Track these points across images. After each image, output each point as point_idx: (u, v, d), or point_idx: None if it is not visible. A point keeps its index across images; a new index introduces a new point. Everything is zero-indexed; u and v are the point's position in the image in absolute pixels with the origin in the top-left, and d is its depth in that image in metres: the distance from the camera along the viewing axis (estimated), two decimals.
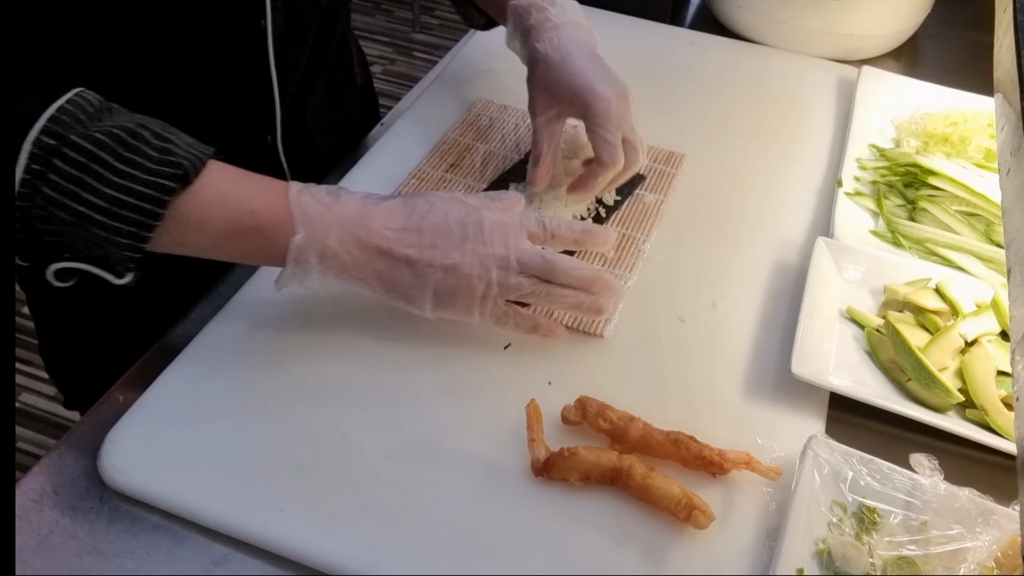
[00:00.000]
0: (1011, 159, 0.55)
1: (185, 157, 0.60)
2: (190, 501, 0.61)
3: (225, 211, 0.63)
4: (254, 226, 0.63)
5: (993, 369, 0.71)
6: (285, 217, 0.64)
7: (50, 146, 0.56)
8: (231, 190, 0.63)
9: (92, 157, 0.57)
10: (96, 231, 0.59)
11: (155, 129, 0.60)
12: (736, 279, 0.82)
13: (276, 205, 0.64)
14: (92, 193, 0.57)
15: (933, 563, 0.59)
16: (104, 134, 0.58)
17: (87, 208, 0.58)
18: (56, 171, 0.57)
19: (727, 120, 1.03)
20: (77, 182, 0.57)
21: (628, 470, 0.62)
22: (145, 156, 0.59)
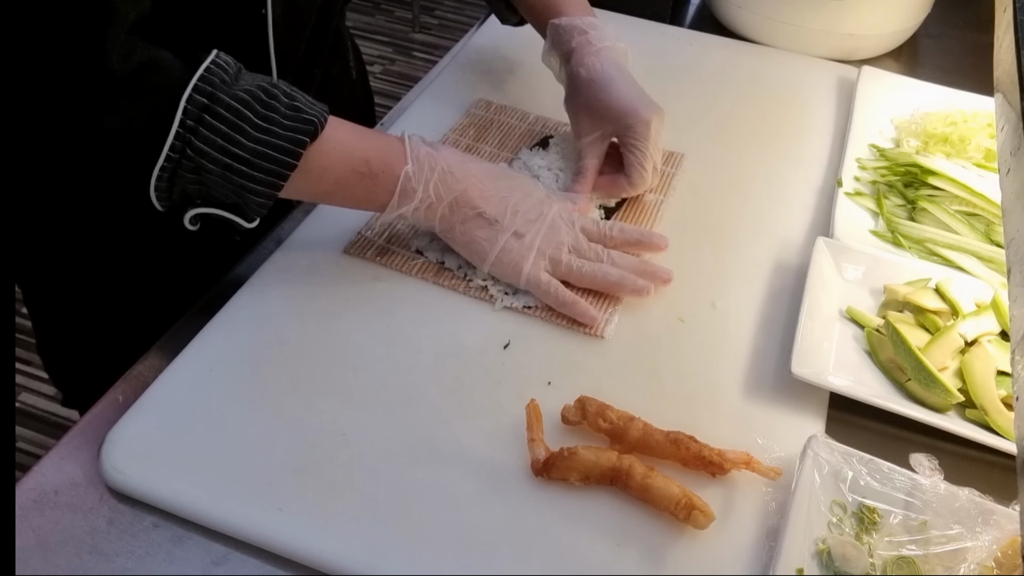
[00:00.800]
0: (1011, 159, 0.55)
1: (313, 113, 0.67)
2: (190, 501, 0.61)
3: (343, 160, 0.71)
4: (367, 173, 0.72)
5: (993, 369, 0.71)
6: (395, 162, 0.72)
7: (202, 103, 0.64)
8: (349, 142, 0.72)
9: (237, 114, 0.65)
10: (239, 180, 0.66)
11: (284, 88, 0.68)
12: (736, 279, 0.82)
13: (389, 153, 0.73)
14: (237, 146, 0.65)
15: (933, 563, 0.59)
16: (245, 93, 0.65)
17: (233, 159, 0.65)
18: (207, 126, 0.64)
19: (727, 120, 1.03)
20: (225, 136, 0.64)
21: (628, 470, 0.62)
22: (279, 112, 0.66)
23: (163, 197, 0.67)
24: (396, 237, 0.82)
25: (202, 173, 0.65)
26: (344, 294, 0.77)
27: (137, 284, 0.89)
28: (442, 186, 0.74)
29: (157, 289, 0.87)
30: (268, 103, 0.66)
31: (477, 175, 0.76)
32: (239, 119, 0.65)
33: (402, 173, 0.72)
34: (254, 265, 0.79)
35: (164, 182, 0.65)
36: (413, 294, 0.77)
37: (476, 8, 3.27)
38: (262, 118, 0.66)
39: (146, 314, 0.80)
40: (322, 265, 0.79)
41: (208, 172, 0.65)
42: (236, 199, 0.68)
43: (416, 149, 0.74)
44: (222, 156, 0.65)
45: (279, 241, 0.82)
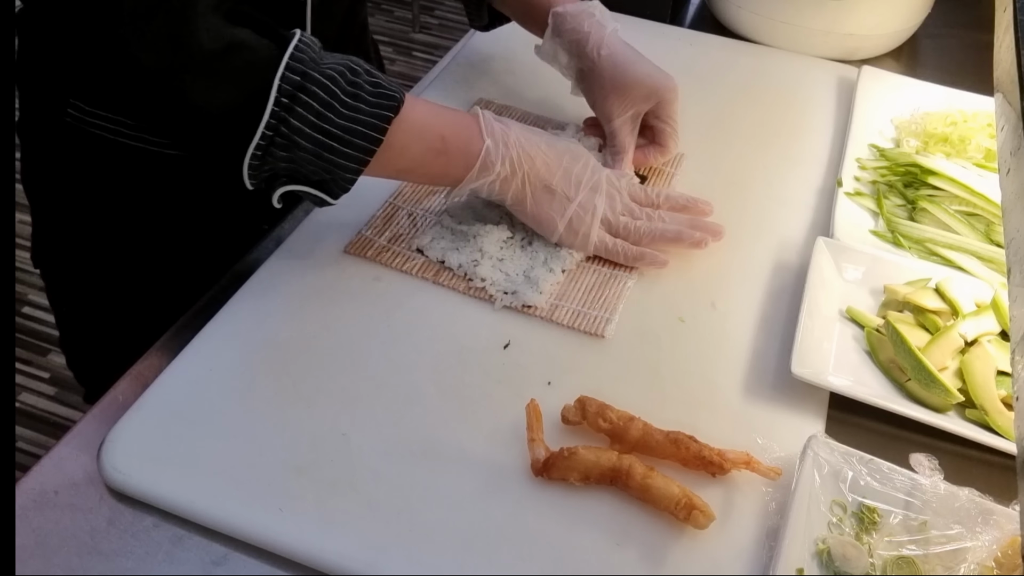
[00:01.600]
0: (1011, 159, 0.55)
1: (395, 89, 0.69)
2: (190, 501, 0.61)
3: (421, 137, 0.73)
4: (443, 149, 0.74)
5: (993, 369, 0.71)
6: (470, 138, 0.75)
7: (296, 82, 0.65)
8: (425, 119, 0.74)
9: (328, 91, 0.66)
10: (330, 156, 0.67)
11: (364, 66, 0.70)
12: (736, 279, 0.82)
13: (463, 128, 0.75)
14: (328, 123, 0.66)
15: (933, 563, 0.59)
16: (332, 70, 0.67)
17: (325, 136, 0.66)
18: (301, 104, 0.65)
19: (727, 120, 1.03)
20: (317, 114, 0.66)
21: (628, 470, 0.62)
22: (364, 90, 0.68)
23: (255, 175, 0.68)
24: (396, 237, 0.82)
25: (294, 151, 0.66)
26: (344, 294, 0.77)
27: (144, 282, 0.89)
28: (516, 161, 0.76)
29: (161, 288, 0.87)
30: (353, 80, 0.67)
31: (544, 149, 0.78)
32: (330, 96, 0.66)
33: (482, 149, 0.74)
34: (254, 265, 0.79)
35: (257, 160, 0.66)
36: (413, 294, 0.77)
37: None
38: (350, 95, 0.67)
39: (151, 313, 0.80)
40: (322, 265, 0.79)
41: (301, 149, 0.66)
42: (325, 176, 0.69)
43: (490, 125, 0.76)
44: (315, 133, 0.66)
45: (279, 241, 0.82)
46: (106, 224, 0.87)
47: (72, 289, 0.95)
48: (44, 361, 1.91)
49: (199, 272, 0.81)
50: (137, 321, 0.82)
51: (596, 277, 0.80)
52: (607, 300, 0.78)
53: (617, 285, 0.80)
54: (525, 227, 0.82)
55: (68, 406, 1.84)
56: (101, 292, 0.93)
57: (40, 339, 1.93)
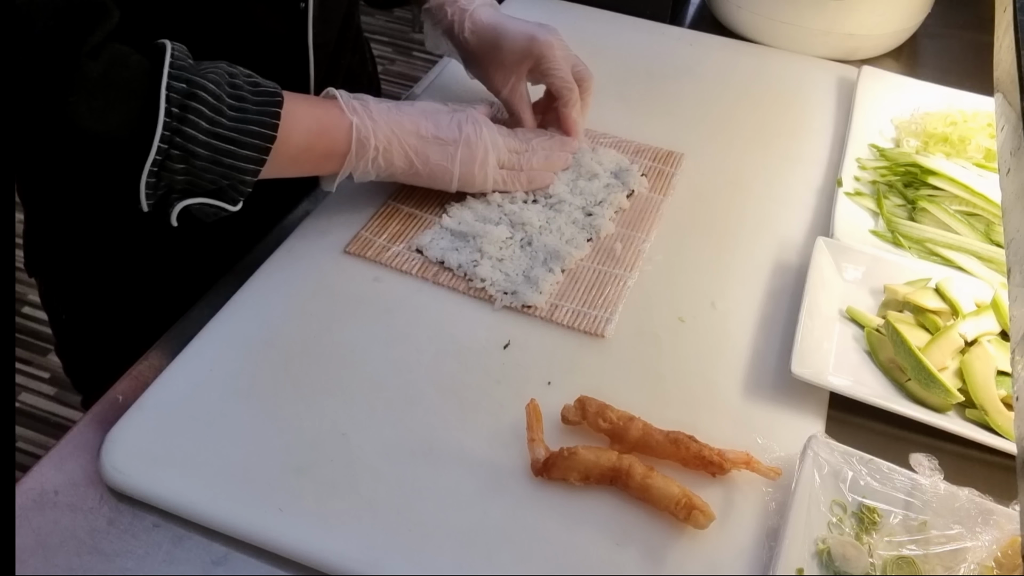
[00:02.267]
0: (1011, 159, 0.55)
1: (270, 84, 0.70)
2: (190, 501, 0.61)
3: (301, 124, 0.72)
4: (321, 130, 0.74)
5: (993, 369, 0.71)
6: (338, 116, 0.75)
7: (183, 90, 0.64)
8: (298, 106, 0.73)
9: (214, 95, 0.66)
10: (228, 160, 0.67)
11: (238, 68, 0.69)
12: (736, 279, 0.82)
13: (329, 109, 0.75)
14: (221, 126, 0.66)
15: (933, 563, 0.59)
16: (215, 74, 0.67)
17: (220, 140, 0.66)
18: (193, 111, 0.64)
19: (727, 120, 1.03)
20: (208, 119, 0.65)
21: (628, 470, 0.62)
22: (245, 89, 0.68)
23: (151, 195, 0.66)
24: (396, 237, 0.82)
25: (191, 160, 0.65)
26: (344, 294, 0.77)
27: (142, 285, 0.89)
28: (387, 130, 0.77)
29: (160, 290, 0.87)
30: (233, 82, 0.67)
31: (407, 110, 0.79)
32: (217, 100, 0.66)
33: (351, 127, 0.75)
34: (254, 265, 0.79)
35: (154, 177, 0.65)
36: (413, 294, 0.77)
37: None
38: (234, 97, 0.67)
39: (149, 316, 0.80)
40: (322, 265, 0.79)
41: (197, 158, 0.65)
42: (223, 182, 0.68)
43: (349, 104, 0.76)
44: (209, 139, 0.65)
45: (279, 241, 0.82)
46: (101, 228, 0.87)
47: (68, 295, 0.95)
48: (44, 361, 1.91)
49: (196, 276, 0.80)
50: (135, 325, 0.82)
51: (596, 277, 0.80)
52: (607, 300, 0.78)
53: (617, 285, 0.80)
54: (525, 227, 0.82)
55: (68, 406, 1.84)
56: (98, 297, 0.92)
57: (40, 339, 1.93)
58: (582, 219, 0.85)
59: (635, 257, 0.83)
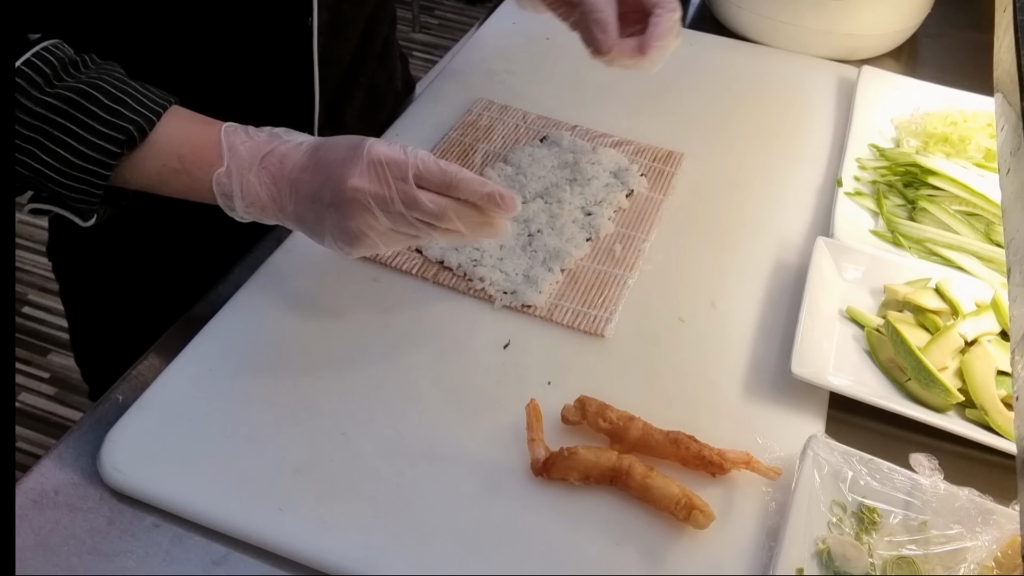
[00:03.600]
0: (1011, 159, 0.55)
1: (133, 120, 0.63)
2: (190, 501, 0.61)
3: (155, 157, 0.66)
4: (181, 169, 0.66)
5: (993, 369, 0.71)
6: (212, 158, 0.66)
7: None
8: (165, 136, 0.66)
9: (45, 121, 0.61)
10: (51, 187, 0.63)
11: (110, 88, 0.63)
12: (736, 279, 0.82)
13: (206, 148, 0.66)
14: (47, 154, 0.62)
15: (933, 563, 0.59)
16: (56, 98, 0.62)
17: (43, 166, 0.62)
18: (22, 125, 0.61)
19: (727, 120, 1.03)
20: (34, 142, 0.62)
21: (628, 470, 0.62)
22: (96, 118, 0.62)
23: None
24: None
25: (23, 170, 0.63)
26: (344, 294, 0.77)
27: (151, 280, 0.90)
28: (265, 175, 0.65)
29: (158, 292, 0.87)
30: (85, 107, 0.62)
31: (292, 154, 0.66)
32: (48, 125, 0.61)
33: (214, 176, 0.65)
34: (254, 265, 0.79)
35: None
36: (413, 294, 0.77)
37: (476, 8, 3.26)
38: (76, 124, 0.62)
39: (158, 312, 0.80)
40: (322, 265, 0.79)
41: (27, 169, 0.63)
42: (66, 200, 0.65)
43: (234, 143, 0.66)
44: (32, 162, 0.62)
45: (279, 241, 0.82)
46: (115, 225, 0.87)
47: (83, 286, 0.95)
48: (44, 361, 1.91)
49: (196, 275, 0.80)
50: (144, 320, 0.82)
51: (596, 277, 0.80)
52: (607, 300, 0.78)
53: (617, 285, 0.79)
54: (527, 225, 0.82)
55: (68, 406, 1.84)
56: (110, 290, 0.93)
57: (40, 339, 1.93)
58: (582, 219, 0.85)
59: (635, 257, 0.83)
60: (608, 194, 0.88)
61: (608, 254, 0.83)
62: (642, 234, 0.85)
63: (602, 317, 0.76)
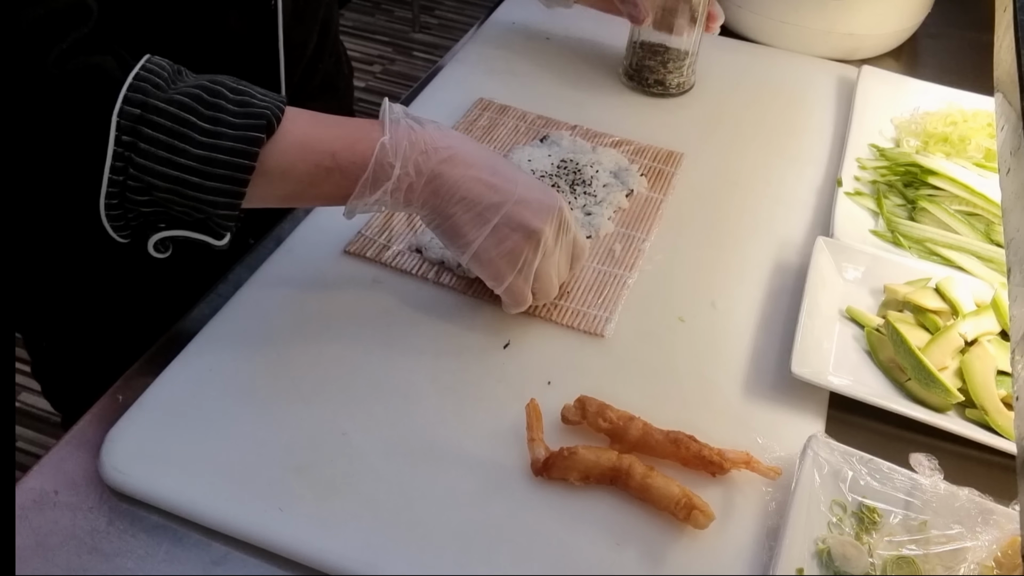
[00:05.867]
0: (1011, 159, 0.55)
1: (265, 107, 0.60)
2: (190, 501, 0.61)
3: (306, 157, 0.63)
4: (334, 167, 0.63)
5: (993, 369, 0.71)
6: (366, 150, 0.64)
7: (135, 115, 0.56)
8: (311, 134, 0.63)
9: (178, 120, 0.57)
10: (192, 193, 0.58)
11: (230, 84, 0.61)
12: (736, 279, 0.82)
13: (358, 141, 0.64)
14: (183, 156, 0.57)
15: (933, 563, 0.59)
16: (184, 95, 0.58)
17: (181, 171, 0.58)
18: (146, 139, 0.57)
19: (726, 120, 1.03)
20: (168, 147, 0.57)
21: (628, 470, 0.62)
22: (227, 112, 0.59)
23: (120, 227, 0.60)
24: (396, 237, 0.82)
25: (153, 193, 0.59)
26: (344, 294, 0.77)
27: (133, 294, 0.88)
28: (423, 162, 0.65)
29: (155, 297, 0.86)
30: (213, 102, 0.59)
31: (471, 148, 0.68)
32: (181, 124, 0.58)
33: (377, 146, 0.64)
34: (254, 265, 0.79)
35: (116, 209, 0.59)
36: (413, 294, 0.77)
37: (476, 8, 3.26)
38: (208, 120, 0.58)
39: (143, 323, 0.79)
40: (322, 265, 0.79)
41: (159, 191, 0.58)
42: (197, 215, 0.61)
43: (396, 121, 0.66)
44: (169, 169, 0.58)
45: (279, 241, 0.82)
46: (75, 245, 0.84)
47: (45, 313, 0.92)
48: None
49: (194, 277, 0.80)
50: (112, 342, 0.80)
51: (596, 277, 0.80)
52: (607, 300, 0.78)
53: (617, 285, 0.80)
54: None
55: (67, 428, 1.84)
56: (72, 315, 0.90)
57: None
58: (582, 218, 0.85)
59: (635, 257, 0.83)
60: (608, 194, 0.88)
61: (608, 254, 0.83)
62: (642, 234, 0.85)
63: (602, 317, 0.76)
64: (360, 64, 2.97)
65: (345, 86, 1.05)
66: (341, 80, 1.03)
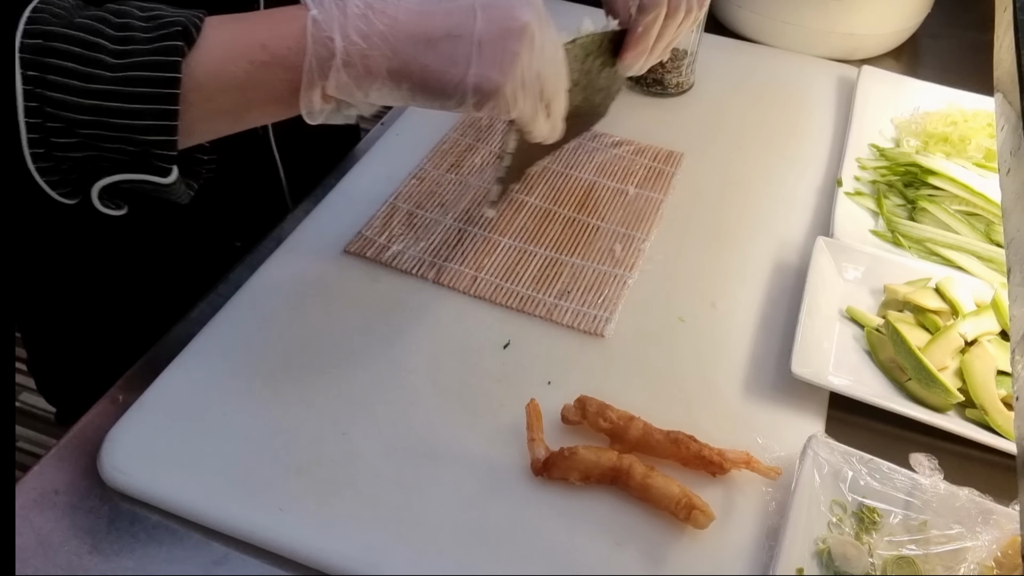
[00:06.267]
0: (1011, 159, 0.55)
1: (178, 17, 0.54)
2: (190, 501, 0.61)
3: (235, 57, 0.56)
4: (269, 60, 0.56)
5: (993, 369, 0.71)
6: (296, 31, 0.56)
7: (37, 46, 0.51)
8: (236, 33, 0.57)
9: (84, 44, 0.52)
10: (118, 121, 0.52)
11: (139, 2, 0.55)
12: (736, 279, 0.82)
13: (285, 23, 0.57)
14: (98, 81, 0.52)
15: (933, 563, 0.59)
16: (89, 18, 0.53)
17: (99, 99, 0.52)
18: (54, 69, 0.51)
19: (726, 120, 1.03)
20: (79, 75, 0.51)
21: (628, 470, 0.62)
22: (137, 28, 0.53)
23: (56, 182, 0.54)
24: (396, 237, 0.82)
25: (77, 131, 0.53)
26: (344, 294, 0.77)
27: (133, 291, 0.89)
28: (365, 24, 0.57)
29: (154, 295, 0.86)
30: (120, 23, 0.53)
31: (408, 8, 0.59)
32: (89, 48, 0.52)
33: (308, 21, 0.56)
34: (254, 265, 0.79)
35: (45, 161, 0.53)
36: (413, 294, 0.77)
37: None
38: (118, 41, 0.53)
39: (143, 322, 0.79)
40: (322, 265, 0.79)
41: (80, 126, 0.52)
42: (130, 149, 0.54)
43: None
44: (85, 99, 0.52)
45: (279, 241, 0.82)
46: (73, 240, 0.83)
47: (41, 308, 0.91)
48: None
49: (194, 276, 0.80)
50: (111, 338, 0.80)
51: (596, 277, 0.80)
52: (607, 300, 0.78)
53: (617, 285, 0.80)
54: None
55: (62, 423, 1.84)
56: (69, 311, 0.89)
57: None
58: None
59: (635, 257, 0.83)
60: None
61: (608, 254, 0.83)
62: (642, 234, 0.85)
63: (602, 317, 0.76)
64: None
65: None
66: None
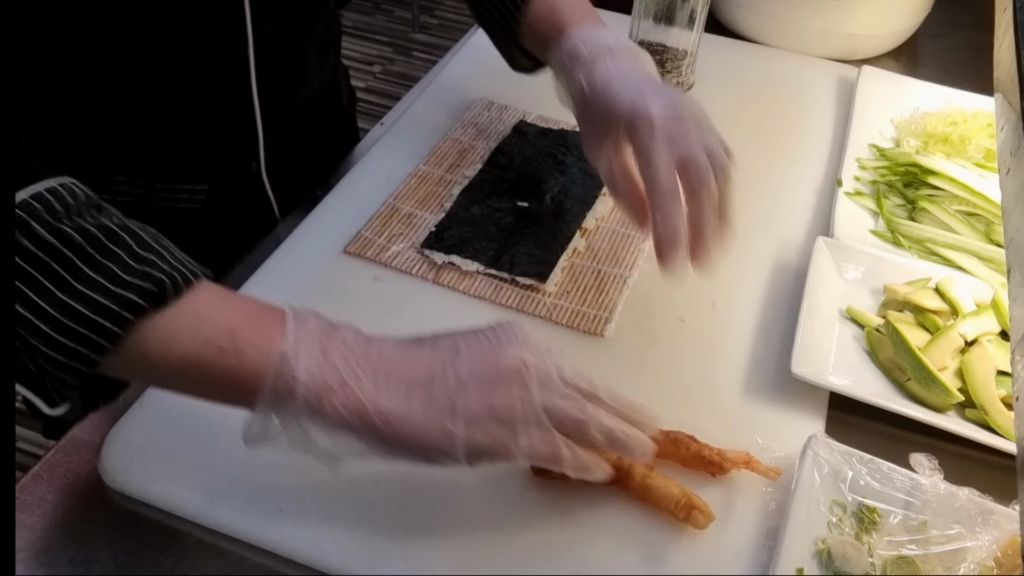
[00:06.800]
0: (1011, 159, 0.55)
1: (168, 273, 0.50)
2: (190, 501, 0.61)
3: (198, 331, 0.51)
4: (230, 348, 0.51)
5: (993, 369, 0.71)
6: (273, 333, 0.52)
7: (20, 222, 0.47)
8: (213, 308, 0.52)
9: (55, 255, 0.48)
10: (36, 343, 0.48)
11: (145, 238, 0.51)
12: (736, 279, 0.82)
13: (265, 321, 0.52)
14: (43, 297, 0.47)
15: (933, 563, 0.59)
16: (77, 231, 0.48)
17: (33, 315, 0.47)
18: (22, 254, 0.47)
19: (726, 120, 1.02)
20: (30, 281, 0.47)
21: (628, 470, 0.62)
22: (121, 265, 0.49)
23: None
24: (396, 237, 0.82)
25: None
26: (344, 294, 0.77)
27: None
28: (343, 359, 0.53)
29: None
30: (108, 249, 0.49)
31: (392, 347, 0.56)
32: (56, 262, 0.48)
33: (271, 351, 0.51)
34: (254, 265, 0.79)
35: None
36: (413, 294, 0.77)
37: None
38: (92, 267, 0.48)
39: None
40: (322, 265, 0.79)
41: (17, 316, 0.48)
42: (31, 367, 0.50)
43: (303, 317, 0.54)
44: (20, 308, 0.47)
45: (279, 241, 0.82)
46: None
47: None
48: None
49: None
50: None
51: (596, 277, 0.80)
52: (607, 300, 0.78)
53: (617, 285, 0.80)
54: None
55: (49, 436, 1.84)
56: None
57: None
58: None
59: (635, 257, 0.83)
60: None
61: (608, 254, 0.83)
62: (642, 234, 0.85)
63: (602, 317, 0.76)
64: (360, 64, 2.97)
65: (341, 119, 1.02)
66: (339, 113, 1.01)
